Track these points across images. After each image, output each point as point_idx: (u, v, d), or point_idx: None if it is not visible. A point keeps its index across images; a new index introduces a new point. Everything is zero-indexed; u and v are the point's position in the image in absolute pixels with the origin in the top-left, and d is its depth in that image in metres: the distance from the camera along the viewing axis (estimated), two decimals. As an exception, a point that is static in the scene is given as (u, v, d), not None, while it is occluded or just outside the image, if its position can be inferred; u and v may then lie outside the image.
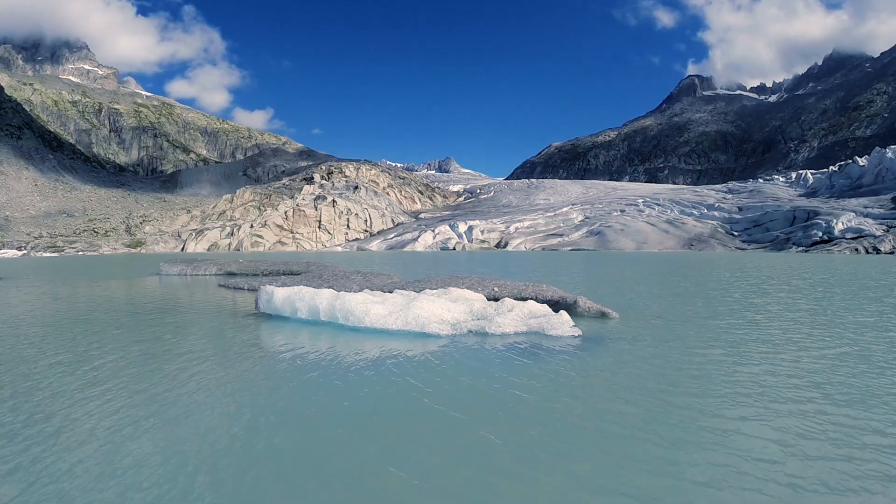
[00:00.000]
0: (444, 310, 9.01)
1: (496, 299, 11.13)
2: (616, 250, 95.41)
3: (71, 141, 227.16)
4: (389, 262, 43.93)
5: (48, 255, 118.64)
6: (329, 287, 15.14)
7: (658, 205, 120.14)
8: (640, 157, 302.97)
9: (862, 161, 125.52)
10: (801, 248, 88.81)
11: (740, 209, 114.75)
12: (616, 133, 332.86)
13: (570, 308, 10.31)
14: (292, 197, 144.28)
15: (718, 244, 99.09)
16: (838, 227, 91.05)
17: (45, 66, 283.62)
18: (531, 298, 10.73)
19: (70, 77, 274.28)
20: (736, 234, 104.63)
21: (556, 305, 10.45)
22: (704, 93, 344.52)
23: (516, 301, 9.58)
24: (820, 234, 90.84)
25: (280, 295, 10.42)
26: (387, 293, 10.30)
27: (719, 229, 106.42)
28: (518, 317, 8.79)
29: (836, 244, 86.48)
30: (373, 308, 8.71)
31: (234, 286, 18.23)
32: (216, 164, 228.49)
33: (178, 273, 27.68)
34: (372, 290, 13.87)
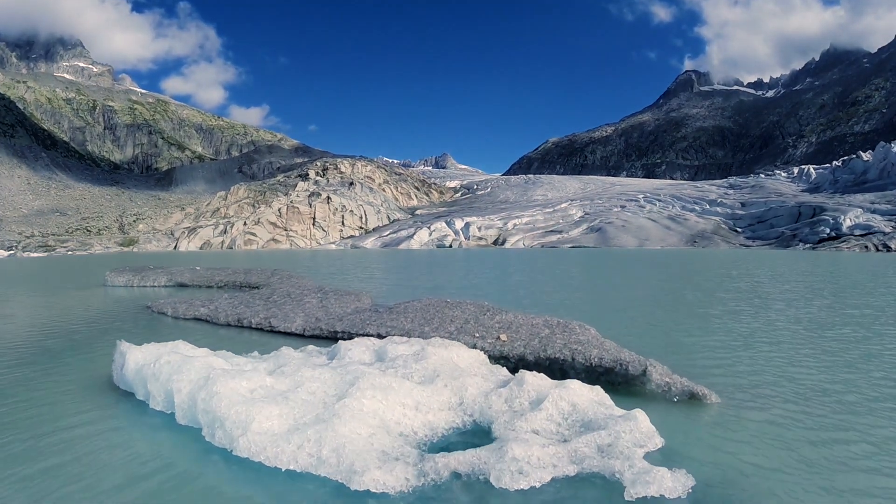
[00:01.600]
0: (409, 407, 4.57)
1: (506, 361, 6.67)
2: (617, 247, 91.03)
3: (65, 139, 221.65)
4: (378, 264, 39.44)
5: (36, 255, 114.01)
6: (266, 317, 10.66)
7: (659, 200, 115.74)
8: (637, 152, 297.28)
9: (866, 156, 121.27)
10: (808, 245, 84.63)
11: (743, 205, 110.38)
12: (613, 129, 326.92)
13: (635, 382, 5.88)
14: (287, 194, 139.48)
15: (722, 241, 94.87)
16: (846, 223, 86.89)
17: (39, 63, 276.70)
18: (566, 362, 6.25)
19: (65, 75, 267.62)
20: (739, 230, 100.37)
21: (609, 375, 6.02)
22: (702, 88, 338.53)
23: (544, 380, 5.13)
24: (827, 230, 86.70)
25: (133, 363, 5.95)
26: (307, 367, 5.63)
27: (722, 225, 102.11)
28: (553, 425, 4.37)
29: (844, 241, 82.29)
30: (259, 415, 4.22)
31: (159, 310, 13.79)
32: (211, 162, 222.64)
33: (125, 284, 23.24)
34: (315, 330, 9.41)
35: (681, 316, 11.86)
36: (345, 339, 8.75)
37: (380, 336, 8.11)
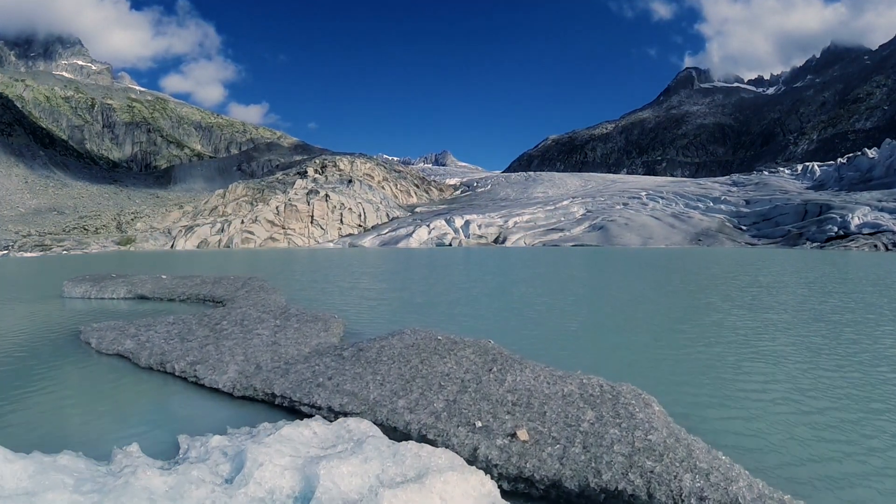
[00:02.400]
0: None
1: (530, 487, 3.91)
2: (620, 246, 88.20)
3: (63, 137, 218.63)
4: (371, 267, 36.67)
5: (30, 255, 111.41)
6: (193, 361, 7.88)
7: (662, 198, 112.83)
8: (637, 149, 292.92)
9: (871, 153, 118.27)
10: (815, 244, 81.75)
11: (747, 202, 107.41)
12: (613, 126, 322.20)
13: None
14: (285, 192, 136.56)
15: (727, 239, 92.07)
16: (854, 221, 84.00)
17: (38, 62, 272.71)
18: (639, 500, 3.50)
19: (63, 73, 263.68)
20: (744, 228, 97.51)
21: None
22: (702, 85, 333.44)
23: None
24: (835, 229, 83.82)
25: None
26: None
27: (727, 223, 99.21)
28: None
29: (853, 240, 79.41)
30: None
31: (86, 339, 11.04)
32: (210, 160, 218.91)
33: (82, 295, 20.54)
34: (247, 389, 6.63)
35: (749, 359, 9.05)
36: (283, 409, 6.00)
37: (331, 411, 5.34)
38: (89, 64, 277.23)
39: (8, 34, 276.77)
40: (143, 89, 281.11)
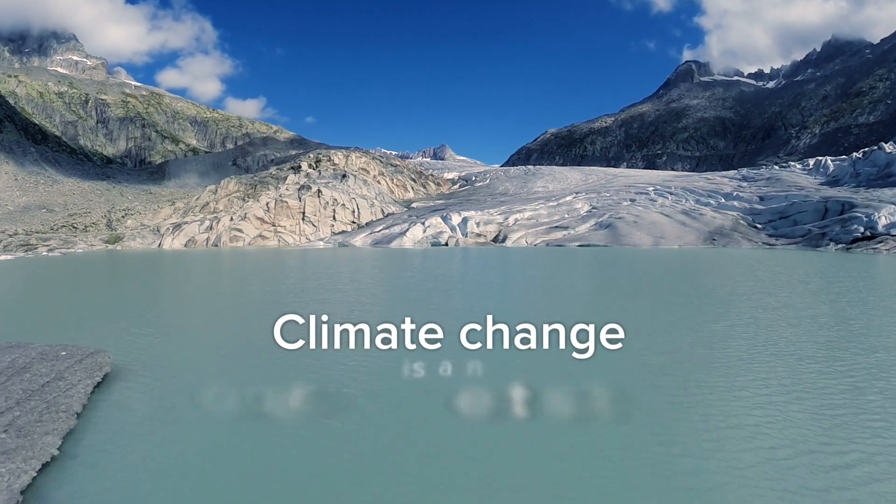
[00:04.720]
0: None
1: None
2: (630, 246, 79.96)
3: (56, 133, 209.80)
4: (339, 283, 28.54)
5: (4, 258, 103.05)
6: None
7: (671, 193, 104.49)
8: (637, 143, 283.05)
9: (889, 147, 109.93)
10: (840, 246, 73.59)
11: (761, 199, 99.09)
12: (613, 119, 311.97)
13: None
14: (277, 187, 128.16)
15: (743, 238, 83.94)
16: (881, 221, 75.68)
17: (32, 58, 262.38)
18: None
19: (58, 68, 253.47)
20: (760, 226, 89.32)
21: None
22: (702, 79, 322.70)
23: None
24: (861, 229, 75.62)
25: None
26: None
27: (741, 221, 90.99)
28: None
29: (881, 242, 71.17)
30: None
31: None
32: (205, 154, 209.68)
33: None
34: None
35: None
36: None
37: None
38: (84, 59, 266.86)
39: (2, 30, 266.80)
40: (138, 84, 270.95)
